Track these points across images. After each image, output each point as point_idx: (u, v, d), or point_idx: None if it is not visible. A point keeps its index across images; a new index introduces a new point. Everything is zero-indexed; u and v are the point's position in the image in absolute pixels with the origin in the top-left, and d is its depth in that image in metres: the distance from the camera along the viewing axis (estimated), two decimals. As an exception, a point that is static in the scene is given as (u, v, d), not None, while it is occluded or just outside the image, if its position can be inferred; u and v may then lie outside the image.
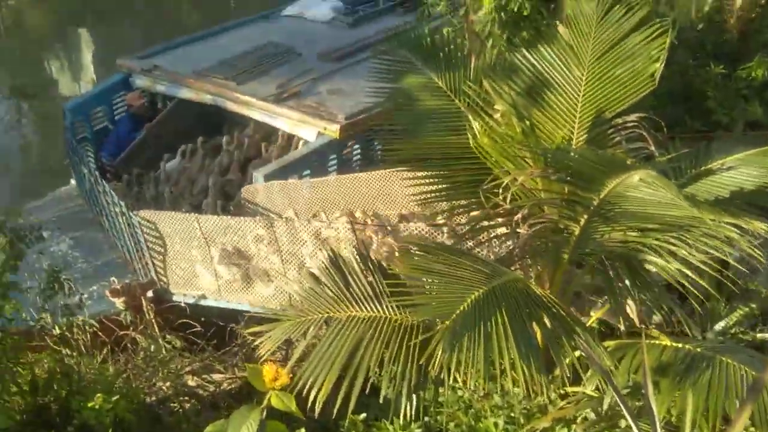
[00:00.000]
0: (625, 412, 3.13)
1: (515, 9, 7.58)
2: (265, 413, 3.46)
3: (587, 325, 4.38)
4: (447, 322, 3.17)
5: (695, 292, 3.96)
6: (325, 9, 10.75)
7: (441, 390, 4.01)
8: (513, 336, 3.27)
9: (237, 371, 5.11)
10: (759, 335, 4.43)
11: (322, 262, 4.19)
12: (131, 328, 5.49)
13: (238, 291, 5.62)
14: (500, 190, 3.96)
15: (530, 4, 7.57)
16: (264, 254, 5.43)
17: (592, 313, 4.66)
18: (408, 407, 3.65)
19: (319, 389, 3.51)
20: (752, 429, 3.62)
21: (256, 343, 3.99)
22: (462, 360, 3.10)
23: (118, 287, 5.64)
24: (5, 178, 11.33)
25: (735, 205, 3.97)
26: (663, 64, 4.28)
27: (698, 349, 3.78)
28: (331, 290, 4.03)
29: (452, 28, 8.46)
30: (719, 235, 3.73)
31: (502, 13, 7.60)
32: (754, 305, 4.54)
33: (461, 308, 3.27)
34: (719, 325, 4.48)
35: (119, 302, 5.62)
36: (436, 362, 3.11)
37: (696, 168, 4.41)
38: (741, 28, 9.45)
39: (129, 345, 5.43)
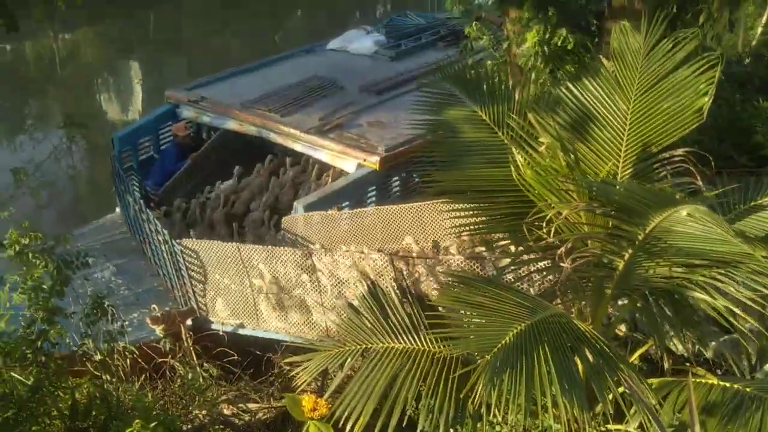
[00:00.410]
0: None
1: (559, 43, 7.59)
2: (304, 443, 3.44)
3: (630, 361, 4.28)
4: (488, 357, 3.13)
5: (743, 329, 3.84)
6: (369, 42, 10.90)
7: (479, 425, 3.93)
8: (555, 371, 3.21)
9: (273, 401, 5.10)
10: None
11: (361, 293, 4.19)
12: (170, 356, 5.54)
13: (277, 320, 5.63)
14: (543, 224, 3.90)
15: (574, 38, 7.58)
16: (303, 284, 5.45)
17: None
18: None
19: (356, 421, 3.47)
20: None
21: (292, 373, 3.98)
22: (503, 395, 3.04)
23: (159, 315, 5.70)
24: (54, 205, 11.65)
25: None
26: (711, 99, 4.19)
27: (747, 389, 3.66)
28: (369, 321, 4.03)
29: (495, 62, 8.51)
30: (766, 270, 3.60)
31: (546, 47, 7.62)
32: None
33: (502, 342, 3.23)
34: (768, 366, 4.32)
35: (159, 329, 5.68)
36: (476, 397, 3.04)
37: (745, 203, 4.34)
38: (790, 63, 9.33)
39: (167, 372, 5.47)
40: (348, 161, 7.32)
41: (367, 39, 11.05)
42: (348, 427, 3.47)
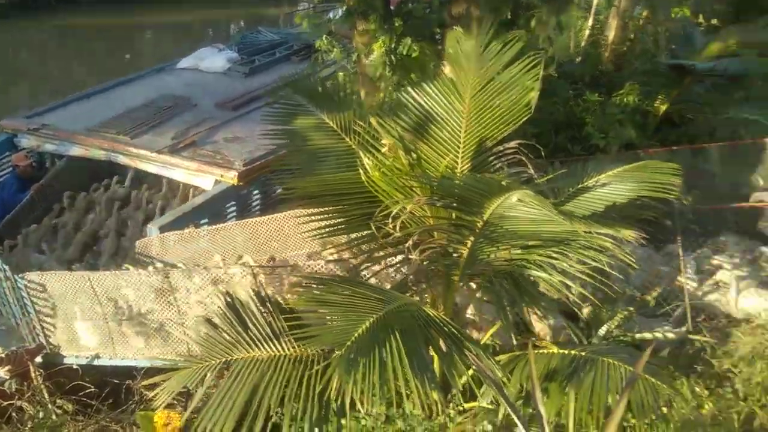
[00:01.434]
0: (516, 420, 3.25)
1: (404, 52, 7.91)
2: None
3: (482, 342, 4.54)
4: (342, 350, 3.20)
5: (578, 301, 4.19)
6: (221, 60, 10.80)
7: (343, 421, 4.00)
8: (408, 358, 3.34)
9: (135, 429, 4.90)
10: (637, 335, 4.70)
11: (219, 307, 4.15)
12: (16, 397, 5.17)
13: (135, 346, 5.43)
14: (390, 220, 4.06)
15: (419, 46, 7.92)
16: (160, 306, 5.30)
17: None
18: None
19: (220, 432, 3.44)
20: (632, 419, 3.84)
21: (151, 395, 3.87)
22: (358, 385, 3.12)
23: (2, 355, 5.33)
24: None
25: (610, 217, 4.25)
26: (538, 93, 4.51)
27: (582, 354, 3.98)
28: (229, 334, 3.99)
29: (346, 73, 8.72)
30: (595, 245, 3.95)
31: (393, 56, 7.91)
32: (631, 308, 4.83)
33: (355, 335, 3.31)
34: (602, 330, 4.72)
35: (2, 371, 5.30)
36: (333, 391, 3.11)
37: (573, 187, 4.66)
38: (615, 60, 10.23)
39: (14, 415, 5.11)
40: (204, 178, 7.20)
41: (220, 56, 10.95)
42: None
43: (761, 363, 4.38)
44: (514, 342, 4.34)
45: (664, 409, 3.69)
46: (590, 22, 11.42)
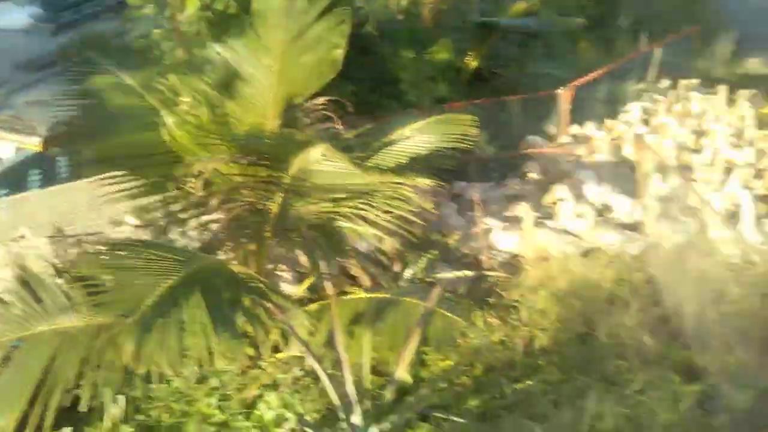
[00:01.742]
0: (312, 362, 3.44)
1: (221, 8, 7.70)
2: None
3: (298, 295, 4.69)
4: (136, 315, 3.13)
5: (382, 248, 4.44)
6: (22, 16, 9.94)
7: (154, 386, 4.00)
8: (210, 316, 3.32)
9: None
10: (439, 276, 5.09)
11: (11, 283, 3.92)
12: None
13: None
14: (193, 180, 4.04)
15: (236, 2, 7.74)
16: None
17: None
18: (115, 409, 3.59)
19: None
20: (429, 350, 4.20)
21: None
22: (156, 348, 3.09)
23: None
24: None
25: (413, 168, 4.47)
26: (345, 49, 4.58)
27: (387, 296, 4.26)
28: (20, 309, 3.77)
29: (162, 30, 8.34)
30: (399, 195, 4.15)
31: (209, 13, 7.68)
32: (435, 251, 5.22)
33: (152, 298, 3.25)
34: (408, 273, 5.04)
35: None
36: (127, 353, 3.06)
37: (380, 140, 4.77)
38: (434, 17, 10.60)
39: None
40: (3, 146, 6.69)
41: (20, 12, 10.06)
42: (2, 423, 3.27)
43: (543, 291, 4.91)
44: (331, 293, 4.51)
45: (460, 341, 4.05)
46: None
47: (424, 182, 4.05)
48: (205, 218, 4.47)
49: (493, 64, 9.48)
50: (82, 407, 3.44)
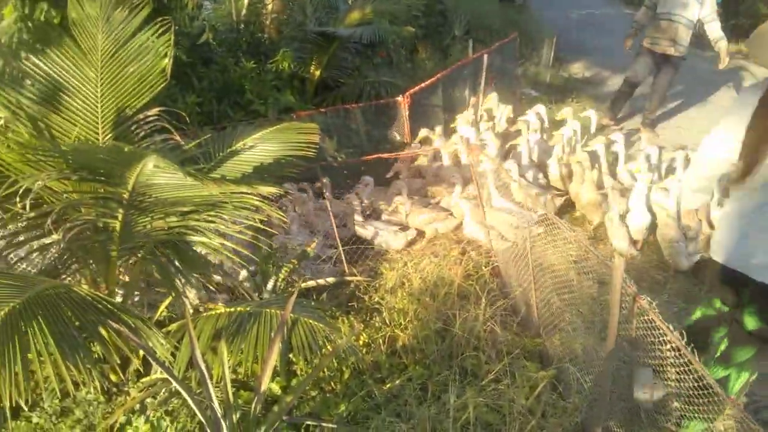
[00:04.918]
0: (174, 383, 3.32)
1: (42, 18, 7.19)
2: None
3: (156, 316, 4.50)
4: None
5: (240, 261, 4.38)
6: None
7: (13, 424, 3.70)
8: (55, 342, 3.16)
9: None
10: (303, 285, 5.10)
11: None
12: None
13: None
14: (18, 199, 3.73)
15: (58, 13, 7.26)
16: None
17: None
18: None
19: None
20: (299, 360, 4.19)
21: None
22: (2, 381, 2.89)
23: None
24: None
25: (258, 177, 4.47)
26: (171, 59, 4.49)
27: (248, 309, 4.20)
28: None
29: (-23, 40, 7.64)
30: (247, 205, 4.11)
31: (29, 23, 7.15)
32: (294, 261, 5.21)
33: (-11, 327, 3.03)
34: (270, 284, 5.01)
35: None
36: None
37: (224, 150, 4.78)
38: (275, 27, 10.60)
39: None
40: None
41: None
42: None
43: (401, 292, 5.08)
44: (190, 310, 4.37)
45: (326, 347, 4.07)
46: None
47: (269, 190, 4.03)
48: (44, 240, 4.15)
49: (336, 73, 9.67)
50: None
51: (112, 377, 4.37)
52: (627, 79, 9.23)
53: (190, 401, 3.35)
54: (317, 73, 9.54)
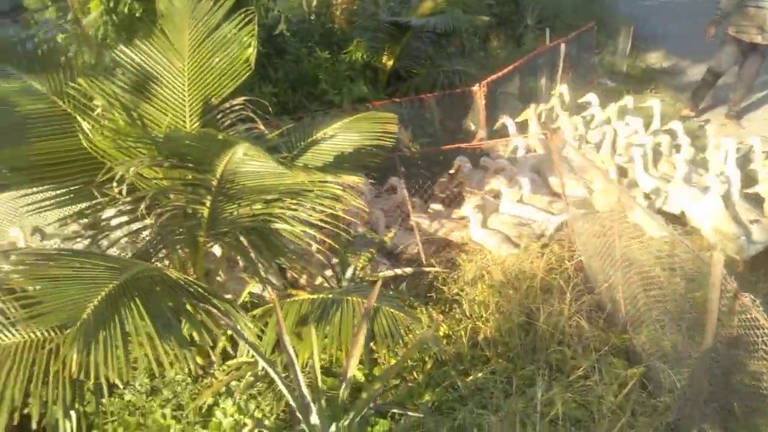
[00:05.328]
0: (265, 366, 3.38)
1: (126, 11, 7.43)
2: None
3: (241, 299, 4.59)
4: (78, 324, 3.03)
5: (321, 248, 4.42)
6: None
7: (106, 400, 3.84)
8: (152, 323, 3.26)
9: None
10: (380, 274, 5.11)
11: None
12: None
13: None
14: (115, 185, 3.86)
15: (140, 5, 7.48)
16: None
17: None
18: (68, 427, 3.43)
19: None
20: (381, 348, 4.20)
21: None
22: (104, 357, 2.99)
23: None
24: None
25: (338, 166, 4.49)
26: (256, 49, 4.55)
27: (330, 296, 4.23)
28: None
29: (66, 34, 7.96)
30: (329, 194, 4.15)
31: (114, 16, 7.40)
32: (373, 250, 5.23)
33: (90, 307, 3.14)
34: (349, 272, 5.04)
35: None
36: (72, 365, 2.93)
37: (304, 140, 4.83)
38: (345, 18, 10.65)
39: None
40: None
41: None
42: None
43: (481, 284, 5.02)
44: (270, 296, 4.44)
45: (407, 337, 4.06)
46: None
47: (353, 179, 4.03)
48: (135, 225, 4.30)
49: (409, 63, 9.63)
50: (33, 426, 3.29)
51: (198, 359, 4.49)
52: (710, 68, 8.84)
53: (280, 385, 3.40)
54: (390, 63, 9.52)
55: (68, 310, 3.16)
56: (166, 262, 4.40)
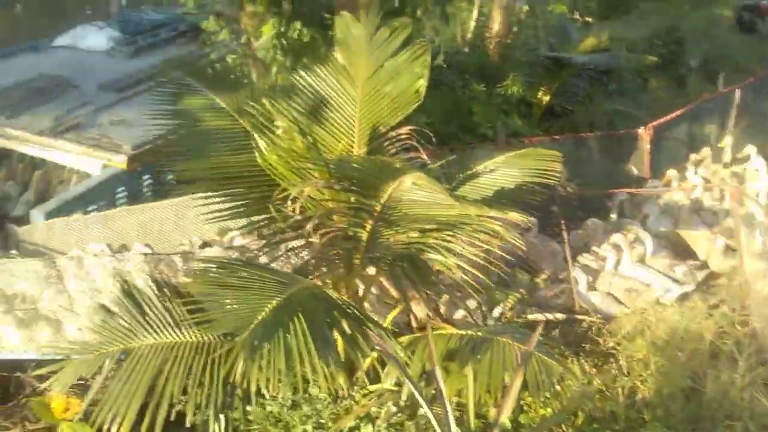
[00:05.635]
0: (418, 398, 3.36)
1: (295, 36, 7.86)
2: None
3: (385, 324, 4.63)
4: (245, 333, 3.16)
5: (472, 282, 4.35)
6: (102, 39, 10.30)
7: (250, 408, 3.99)
8: (312, 340, 3.34)
9: (28, 424, 4.60)
10: (529, 316, 4.96)
11: (116, 295, 4.00)
12: None
13: (22, 338, 5.10)
14: (289, 204, 4.04)
15: (309, 31, 7.89)
16: (49, 295, 5.00)
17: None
18: (217, 429, 3.60)
19: (121, 422, 3.34)
20: (527, 397, 4.05)
21: (42, 386, 3.68)
22: (264, 369, 3.12)
23: None
24: None
25: (499, 202, 4.43)
26: (427, 80, 4.60)
27: (479, 334, 4.16)
28: (126, 321, 3.87)
29: (237, 56, 8.55)
30: (486, 229, 4.09)
31: (283, 40, 7.85)
32: (522, 290, 5.10)
33: (259, 318, 3.27)
34: (497, 311, 4.94)
35: None
36: (237, 376, 3.08)
37: (463, 172, 4.77)
38: (499, 51, 10.66)
39: None
40: (91, 162, 6.88)
41: (100, 35, 10.44)
42: (113, 430, 3.31)
43: (641, 340, 4.74)
44: (414, 324, 4.44)
45: (557, 387, 3.91)
46: (475, 13, 11.84)
47: (516, 217, 3.95)
48: (295, 243, 4.46)
49: (564, 99, 9.45)
50: (187, 423, 3.53)
51: (340, 380, 4.53)
52: None
53: (432, 419, 3.35)
54: (545, 98, 9.41)
55: (237, 319, 3.32)
56: (320, 281, 4.52)
